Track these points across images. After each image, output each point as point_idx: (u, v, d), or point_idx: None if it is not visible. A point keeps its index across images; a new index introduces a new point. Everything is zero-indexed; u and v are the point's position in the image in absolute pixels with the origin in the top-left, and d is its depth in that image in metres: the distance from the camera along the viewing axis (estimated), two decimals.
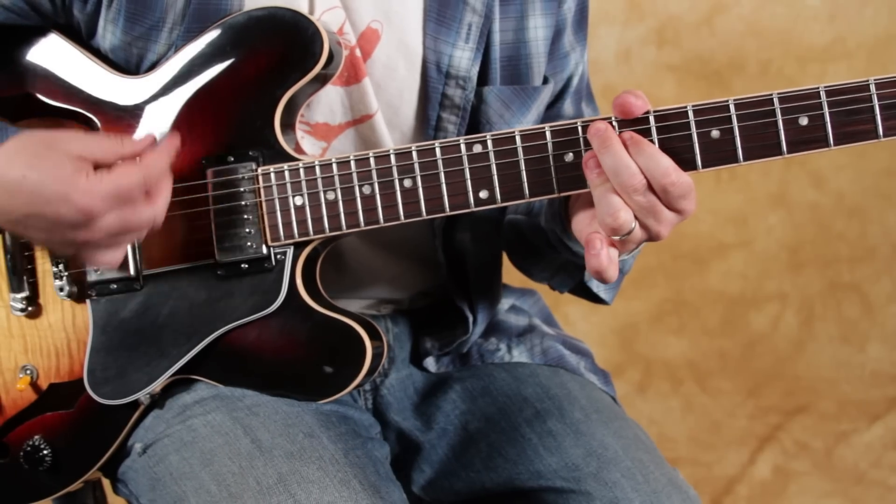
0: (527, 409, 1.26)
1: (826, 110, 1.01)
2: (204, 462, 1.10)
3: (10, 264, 1.15)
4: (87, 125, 1.14)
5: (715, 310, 2.83)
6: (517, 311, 1.42)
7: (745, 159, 1.03)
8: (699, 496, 1.22)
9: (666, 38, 2.76)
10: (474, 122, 1.20)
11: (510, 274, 1.43)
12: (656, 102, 1.03)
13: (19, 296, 1.16)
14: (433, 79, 1.18)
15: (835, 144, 1.02)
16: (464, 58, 1.17)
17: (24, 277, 1.15)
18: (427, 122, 1.19)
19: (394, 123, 1.20)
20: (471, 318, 1.30)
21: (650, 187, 1.00)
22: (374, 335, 1.14)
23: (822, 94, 1.01)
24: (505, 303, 1.42)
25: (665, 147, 1.02)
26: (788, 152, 1.02)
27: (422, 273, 1.32)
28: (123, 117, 1.13)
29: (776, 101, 1.01)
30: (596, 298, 1.29)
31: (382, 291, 1.30)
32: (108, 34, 1.13)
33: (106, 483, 1.28)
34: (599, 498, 1.16)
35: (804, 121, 1.01)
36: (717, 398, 2.70)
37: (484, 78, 1.20)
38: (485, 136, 1.06)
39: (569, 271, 1.28)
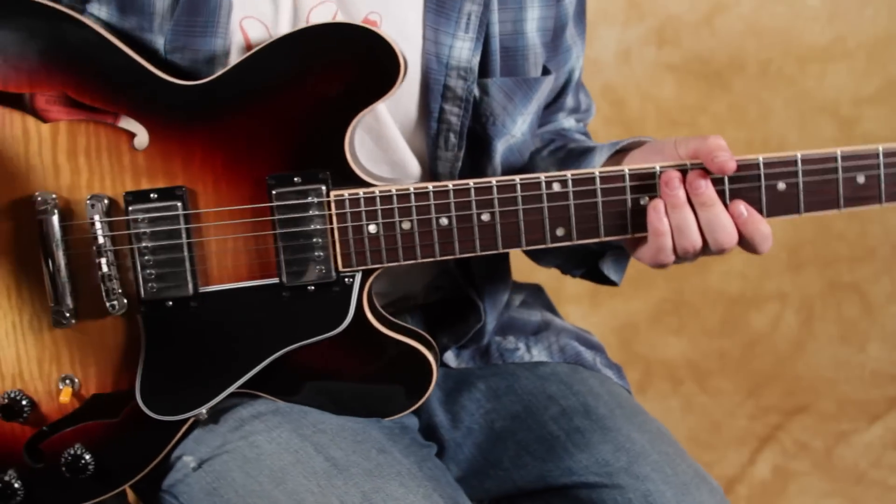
0: (552, 407, 1.27)
1: (882, 171, 1.06)
2: (275, 480, 1.08)
3: (52, 276, 1.10)
4: (128, 133, 1.10)
5: (715, 310, 2.83)
6: (529, 305, 1.43)
7: (805, 211, 1.07)
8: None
9: (666, 38, 2.76)
10: (476, 114, 1.20)
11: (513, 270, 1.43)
12: (656, 102, 1.05)
13: (62, 308, 1.11)
14: (434, 70, 1.17)
15: (885, 202, 1.08)
16: (464, 48, 1.17)
17: (68, 290, 1.10)
18: (429, 114, 1.18)
19: (395, 116, 1.19)
20: (481, 306, 1.30)
21: (705, 243, 1.07)
22: (431, 349, 1.15)
23: (881, 155, 1.06)
24: (516, 298, 1.42)
25: (734, 196, 1.06)
26: (844, 207, 1.07)
27: (429, 264, 1.32)
28: (175, 126, 1.09)
29: (839, 158, 1.06)
30: (606, 281, 1.30)
31: (397, 287, 1.30)
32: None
33: None
34: (632, 491, 1.18)
35: (861, 179, 1.06)
36: (717, 398, 2.70)
37: (484, 70, 1.19)
38: (565, 175, 1.07)
39: (581, 256, 1.28)
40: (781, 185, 1.06)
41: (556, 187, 1.07)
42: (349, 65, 1.07)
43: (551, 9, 1.23)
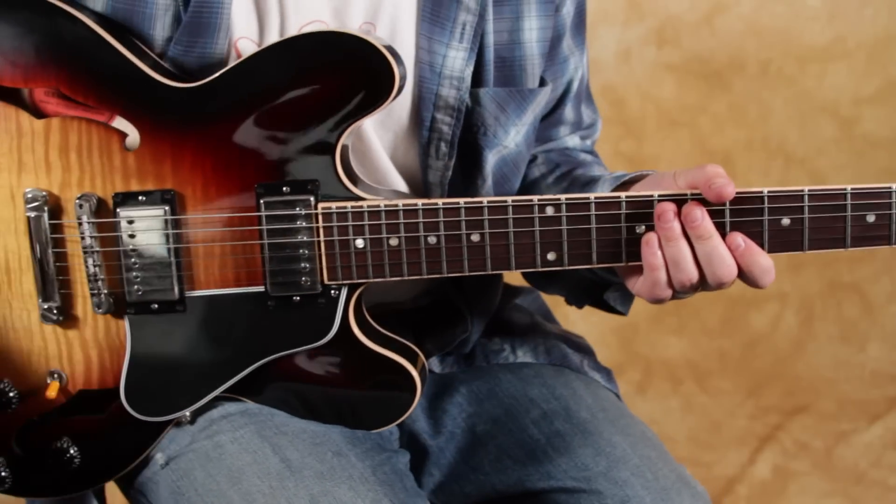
0: (533, 410, 1.26)
1: (894, 211, 1.02)
2: (232, 480, 1.09)
3: (42, 274, 1.11)
4: (120, 132, 1.10)
5: (715, 310, 2.82)
6: (518, 309, 1.42)
7: (810, 249, 1.03)
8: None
9: (666, 38, 2.76)
10: (469, 123, 1.19)
11: (511, 273, 1.43)
12: (656, 102, 1.04)
13: (50, 305, 1.12)
14: (427, 79, 1.16)
15: None
16: (458, 58, 1.16)
17: (56, 288, 1.11)
18: (421, 123, 1.18)
19: (387, 125, 1.19)
20: (468, 317, 1.30)
21: (703, 277, 1.03)
22: (418, 363, 1.14)
23: (894, 195, 1.02)
24: (509, 301, 1.42)
25: (734, 229, 1.02)
26: (851, 247, 1.03)
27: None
28: (166, 128, 1.08)
29: (849, 196, 1.01)
30: (613, 310, 1.28)
31: (385, 296, 1.29)
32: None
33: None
34: (610, 496, 1.16)
35: (871, 218, 1.02)
36: (717, 398, 2.69)
37: (478, 80, 1.19)
38: (559, 199, 1.05)
39: (585, 288, 1.27)
40: (786, 221, 1.02)
41: (550, 211, 1.05)
42: (343, 74, 1.06)
43: (549, 19, 1.22)
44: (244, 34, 1.13)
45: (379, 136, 1.20)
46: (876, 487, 2.35)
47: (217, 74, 1.08)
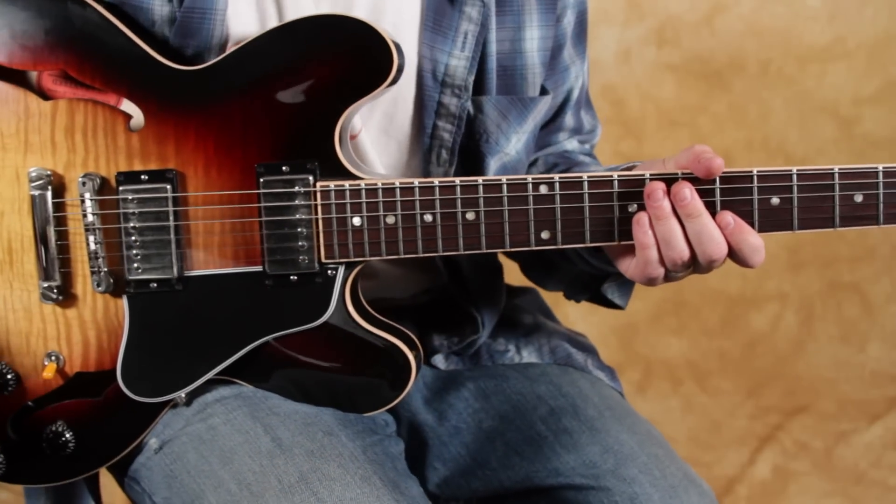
0: (541, 407, 1.26)
1: (881, 191, 1.04)
2: (223, 460, 1.09)
3: (44, 252, 1.12)
4: (125, 114, 1.11)
5: (715, 310, 2.83)
6: (521, 309, 1.43)
7: (800, 228, 1.05)
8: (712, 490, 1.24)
9: (666, 38, 2.76)
10: (470, 131, 1.20)
11: (508, 274, 1.43)
12: (656, 102, 1.04)
13: (51, 284, 1.12)
14: (429, 87, 1.17)
15: (884, 223, 1.05)
16: (459, 66, 1.17)
17: (57, 266, 1.12)
18: (423, 130, 1.19)
19: (389, 132, 1.20)
20: (479, 319, 1.30)
21: (694, 255, 1.04)
22: (414, 348, 1.15)
23: (881, 175, 1.04)
24: (511, 301, 1.42)
25: (724, 208, 1.04)
26: (840, 226, 1.05)
27: (421, 276, 1.33)
28: (169, 110, 1.10)
29: (837, 176, 1.04)
30: (611, 304, 1.29)
31: (383, 292, 1.30)
32: None
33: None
34: (619, 494, 1.17)
35: (859, 198, 1.04)
36: (717, 398, 2.70)
37: (480, 87, 1.20)
38: (553, 178, 1.06)
39: (583, 281, 1.28)
40: (775, 200, 1.04)
41: (543, 189, 1.06)
42: (342, 56, 1.07)
43: (551, 28, 1.23)
44: (244, 36, 1.13)
45: (381, 142, 1.21)
46: (876, 487, 2.36)
47: (221, 56, 1.09)
